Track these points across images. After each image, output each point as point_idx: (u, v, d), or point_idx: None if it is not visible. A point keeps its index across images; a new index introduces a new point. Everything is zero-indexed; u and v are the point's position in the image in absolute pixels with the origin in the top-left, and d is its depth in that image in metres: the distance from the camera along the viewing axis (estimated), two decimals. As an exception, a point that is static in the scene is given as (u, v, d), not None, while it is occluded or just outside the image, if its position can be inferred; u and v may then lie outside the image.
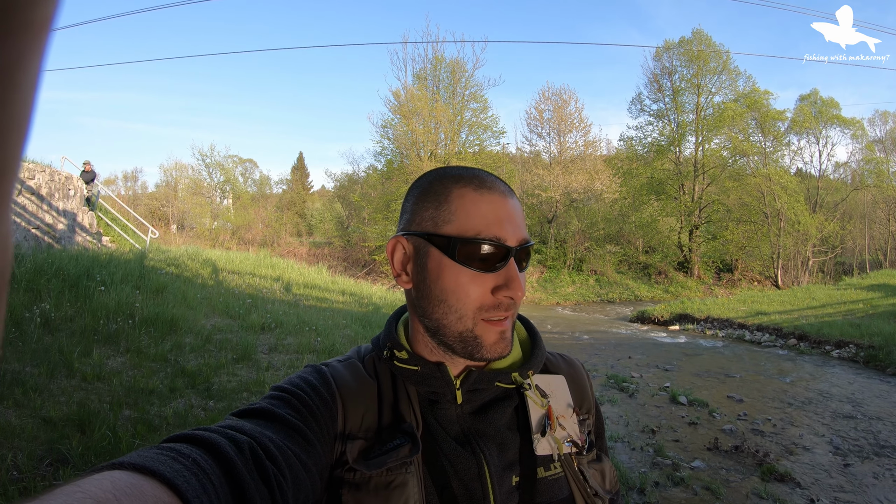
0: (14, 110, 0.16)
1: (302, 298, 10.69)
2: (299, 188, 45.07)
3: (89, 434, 3.39)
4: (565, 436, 0.72)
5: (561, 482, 0.70)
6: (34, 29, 0.16)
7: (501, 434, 0.70)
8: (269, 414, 0.60)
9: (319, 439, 0.62)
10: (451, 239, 0.66)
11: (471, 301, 0.66)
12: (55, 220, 11.42)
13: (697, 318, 14.58)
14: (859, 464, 4.61)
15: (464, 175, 0.70)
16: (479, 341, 0.67)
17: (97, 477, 0.38)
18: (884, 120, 32.60)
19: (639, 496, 3.83)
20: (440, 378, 0.70)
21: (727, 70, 28.89)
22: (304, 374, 0.70)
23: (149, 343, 5.51)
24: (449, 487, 0.65)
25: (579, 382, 0.81)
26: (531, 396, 0.72)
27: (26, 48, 0.16)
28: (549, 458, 0.70)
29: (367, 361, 0.74)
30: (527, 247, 0.69)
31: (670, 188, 30.16)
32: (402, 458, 0.64)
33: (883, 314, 12.23)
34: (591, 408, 0.81)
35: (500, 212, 0.67)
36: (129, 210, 16.05)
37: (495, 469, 0.67)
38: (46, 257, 7.20)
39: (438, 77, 28.41)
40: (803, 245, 27.50)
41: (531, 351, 0.78)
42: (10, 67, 0.15)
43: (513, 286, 0.66)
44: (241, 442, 0.52)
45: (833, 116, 29.00)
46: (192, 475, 0.44)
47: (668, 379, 7.83)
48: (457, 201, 0.68)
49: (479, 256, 0.66)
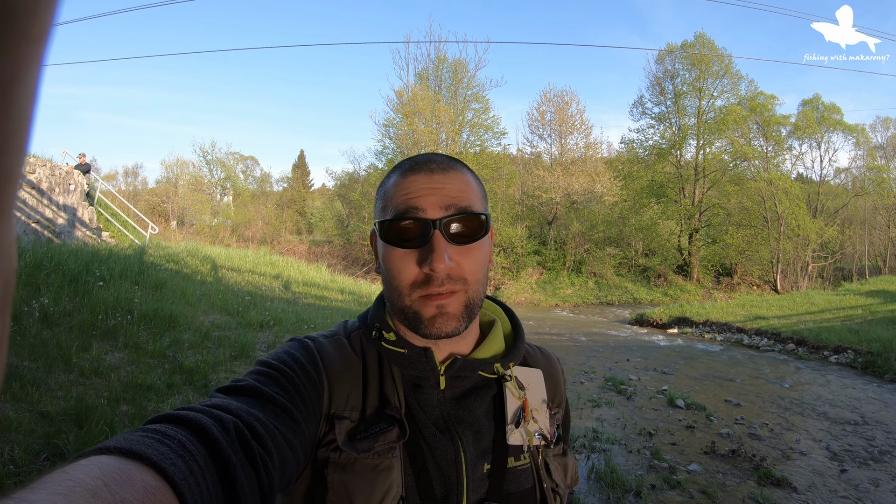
0: (14, 120, 0.16)
1: (301, 296, 10.69)
2: (300, 186, 45.07)
3: (86, 429, 3.39)
4: (537, 429, 0.74)
5: (527, 473, 0.72)
6: (33, 39, 0.16)
7: (478, 422, 0.72)
8: (256, 391, 0.60)
9: (305, 418, 0.62)
10: (381, 223, 0.70)
11: (403, 278, 0.68)
12: (55, 214, 11.42)
13: (696, 321, 14.58)
14: (856, 469, 4.61)
15: (402, 163, 0.74)
16: (419, 316, 0.68)
17: (84, 463, 0.38)
18: (885, 126, 32.63)
19: (635, 499, 3.83)
20: (426, 363, 0.71)
21: (729, 74, 28.89)
22: (291, 350, 0.70)
23: (147, 339, 5.51)
24: (425, 471, 0.67)
25: (554, 377, 0.84)
26: (510, 388, 0.74)
27: (25, 58, 0.16)
28: (519, 448, 0.72)
29: (353, 338, 0.75)
30: (460, 216, 0.68)
31: (671, 191, 30.15)
32: (389, 443, 0.65)
33: (882, 320, 12.24)
34: (562, 402, 0.84)
35: (419, 187, 0.69)
36: (129, 206, 16.06)
37: (470, 456, 0.69)
38: (46, 252, 7.20)
39: (440, 77, 28.43)
40: (803, 250, 27.50)
41: (514, 343, 0.79)
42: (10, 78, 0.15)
43: (432, 258, 0.66)
44: (227, 422, 0.52)
45: (836, 122, 29.01)
46: (179, 457, 0.44)
47: (666, 382, 7.82)
48: (389, 188, 0.72)
49: (403, 233, 0.68)
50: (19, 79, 0.16)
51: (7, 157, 0.16)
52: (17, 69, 0.15)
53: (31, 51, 0.16)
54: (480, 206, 0.71)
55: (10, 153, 0.16)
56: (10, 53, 0.15)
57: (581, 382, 7.62)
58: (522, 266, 27.08)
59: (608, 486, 3.98)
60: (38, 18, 0.16)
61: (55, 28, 0.17)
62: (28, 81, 0.16)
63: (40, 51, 0.16)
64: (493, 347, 0.77)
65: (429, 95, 26.92)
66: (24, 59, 0.16)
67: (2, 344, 0.18)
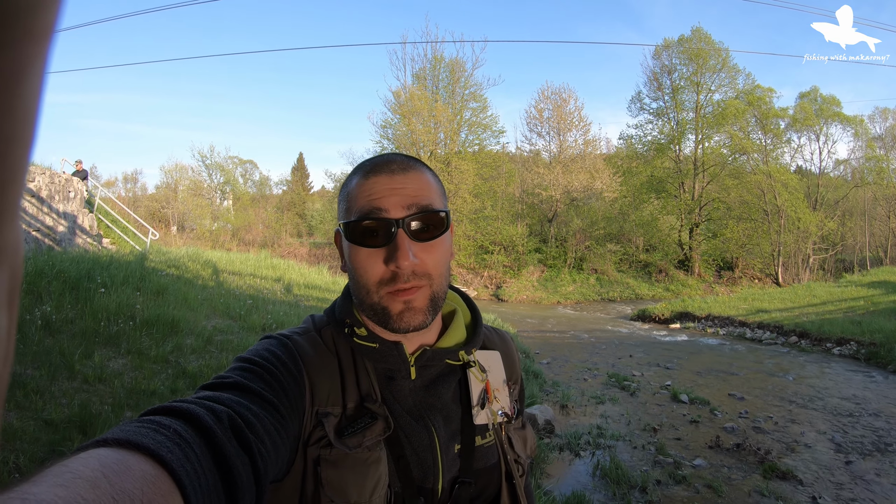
0: (18, 120, 0.16)
1: (303, 299, 10.69)
2: (299, 189, 45.06)
3: (91, 435, 3.39)
4: (499, 408, 0.80)
5: (492, 449, 0.78)
6: (36, 38, 0.16)
7: (447, 407, 0.76)
8: (242, 386, 0.61)
9: (289, 413, 0.64)
10: (346, 224, 0.72)
11: (370, 276, 0.71)
12: (55, 222, 11.43)
13: (698, 316, 14.57)
14: (861, 461, 4.61)
15: (363, 164, 0.76)
16: (387, 312, 0.71)
17: (83, 456, 0.39)
18: (884, 117, 32.55)
19: (640, 494, 3.83)
20: (397, 356, 0.74)
21: (727, 68, 28.86)
22: (271, 347, 0.71)
23: (150, 344, 5.52)
24: (403, 457, 0.70)
25: (510, 356, 0.89)
26: (473, 373, 0.79)
27: (29, 57, 0.16)
28: (484, 427, 0.78)
29: (324, 334, 0.77)
30: (422, 214, 0.71)
31: (670, 186, 30.12)
32: (376, 437, 0.68)
33: (884, 311, 12.21)
34: (518, 378, 0.90)
35: (381, 188, 0.71)
36: (129, 212, 16.06)
37: (443, 439, 0.73)
38: (47, 259, 7.21)
39: (438, 77, 28.41)
40: (804, 242, 27.46)
41: (474, 330, 0.84)
42: (13, 77, 0.15)
43: (397, 256, 0.68)
44: (220, 412, 0.53)
45: (834, 114, 28.95)
46: (176, 445, 0.44)
47: (670, 377, 7.82)
48: (352, 190, 0.73)
49: (367, 233, 0.70)
50: (23, 77, 0.16)
51: (12, 156, 0.16)
52: (22, 67, 0.15)
53: (35, 49, 0.16)
54: (440, 203, 0.74)
55: (15, 152, 0.16)
56: (13, 52, 0.15)
57: (584, 379, 7.61)
58: (523, 264, 27.06)
59: (613, 482, 3.98)
60: (41, 17, 0.16)
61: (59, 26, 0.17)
62: (32, 80, 0.16)
63: (44, 49, 0.16)
64: (455, 336, 0.81)
65: (426, 95, 26.91)
66: (28, 58, 0.16)
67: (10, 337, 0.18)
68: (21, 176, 0.17)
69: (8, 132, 0.16)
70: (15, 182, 0.17)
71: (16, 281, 0.18)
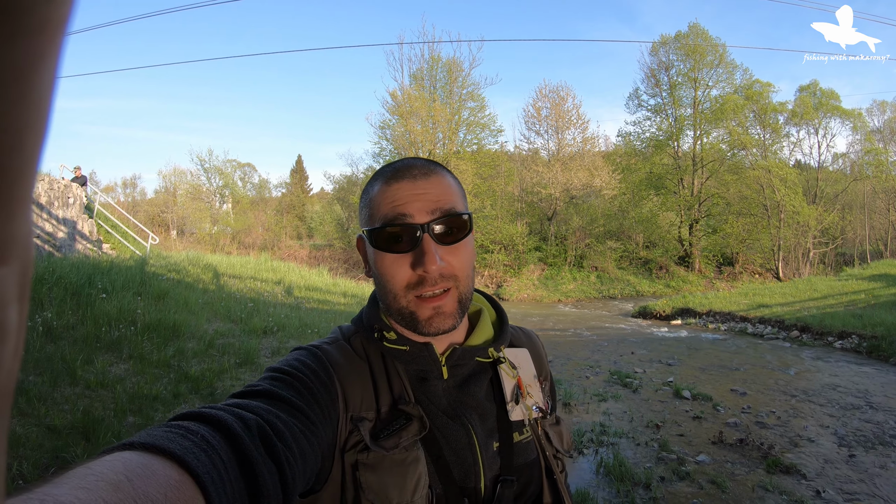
0: (32, 111, 0.16)
1: (303, 301, 10.69)
2: (298, 191, 45.07)
3: (94, 441, 3.39)
4: (533, 402, 0.80)
5: (531, 445, 0.78)
6: (50, 29, 0.15)
7: (481, 405, 0.76)
8: (273, 394, 0.61)
9: (321, 421, 0.64)
10: (371, 231, 0.73)
11: (397, 281, 0.72)
12: (55, 228, 11.44)
13: (699, 312, 14.56)
14: (864, 454, 4.61)
15: (384, 170, 0.76)
16: (416, 317, 0.72)
17: (108, 458, 0.39)
18: (882, 110, 32.56)
19: (644, 491, 3.83)
20: (428, 356, 0.75)
21: (724, 63, 28.83)
22: (301, 357, 0.72)
23: (151, 349, 5.52)
24: (442, 457, 0.70)
25: (538, 353, 0.90)
26: (504, 369, 0.80)
27: (43, 48, 0.15)
28: (520, 423, 0.78)
29: (353, 341, 0.78)
30: (447, 218, 0.71)
31: (669, 183, 30.10)
32: (413, 437, 0.68)
33: (885, 304, 12.21)
34: (547, 374, 0.90)
35: (405, 194, 0.71)
36: (128, 217, 16.07)
37: (481, 437, 0.73)
38: (47, 266, 7.20)
39: (435, 77, 28.39)
40: (804, 237, 27.45)
41: (500, 328, 0.85)
42: (27, 68, 0.15)
43: (424, 260, 0.69)
44: (249, 419, 0.53)
45: (833, 107, 28.92)
46: (202, 451, 0.44)
47: (672, 374, 7.82)
48: (374, 196, 0.75)
49: (392, 239, 0.71)
50: (36, 70, 0.15)
51: (25, 149, 0.16)
52: (36, 58, 0.15)
53: (49, 40, 0.16)
54: (462, 206, 0.75)
55: (27, 144, 0.16)
56: (28, 42, 0.15)
57: (586, 377, 7.61)
58: (524, 263, 27.07)
59: (617, 479, 3.98)
60: (56, 7, 0.15)
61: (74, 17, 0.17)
62: (45, 72, 0.16)
63: (58, 40, 0.16)
64: (483, 334, 0.82)
65: (424, 96, 26.90)
66: (42, 49, 0.15)
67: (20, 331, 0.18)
68: (33, 168, 0.17)
69: (21, 123, 0.15)
70: (27, 174, 0.16)
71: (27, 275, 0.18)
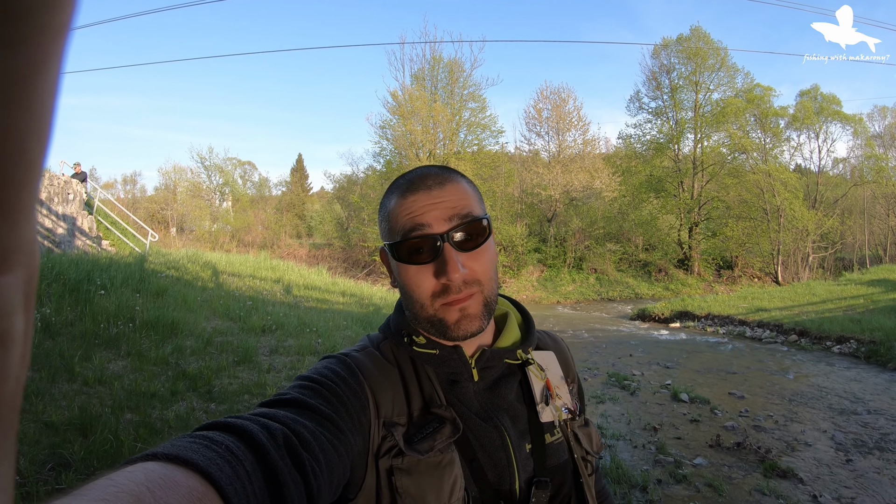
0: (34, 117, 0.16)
1: (302, 300, 10.69)
2: (298, 190, 45.05)
3: (91, 438, 3.39)
4: (562, 404, 0.81)
5: (562, 446, 0.79)
6: (52, 33, 0.15)
7: (512, 406, 0.77)
8: (301, 403, 0.61)
9: (350, 429, 0.64)
10: (392, 245, 0.74)
11: (423, 291, 0.73)
12: (55, 224, 11.43)
13: (698, 315, 14.56)
14: (861, 459, 4.61)
15: (399, 183, 0.77)
16: (444, 322, 0.73)
17: (130, 469, 0.38)
18: (883, 115, 32.59)
19: (641, 494, 3.83)
20: (458, 359, 0.75)
21: (725, 67, 28.85)
22: (330, 365, 0.72)
23: (150, 346, 5.51)
24: (476, 459, 0.70)
25: (564, 356, 0.91)
26: (533, 371, 0.81)
27: (45, 53, 0.15)
28: (551, 424, 0.79)
29: (383, 348, 0.78)
30: (465, 224, 0.72)
31: (670, 186, 30.13)
32: (447, 439, 0.68)
33: (883, 309, 12.22)
34: (575, 377, 0.91)
35: (421, 205, 0.72)
36: (128, 213, 16.06)
37: (514, 439, 0.74)
38: (46, 262, 7.20)
39: (436, 77, 28.40)
40: (803, 241, 27.48)
41: (527, 331, 0.86)
42: (30, 72, 0.15)
43: (447, 269, 0.70)
44: (275, 429, 0.53)
45: (834, 112, 28.95)
46: (226, 462, 0.44)
47: (670, 376, 7.82)
48: (392, 210, 0.75)
49: (413, 251, 0.72)
50: (39, 73, 0.15)
51: (28, 154, 0.16)
52: (37, 63, 0.15)
53: (51, 44, 0.15)
54: (479, 210, 0.75)
55: (31, 150, 0.16)
56: (29, 47, 0.15)
57: (584, 379, 7.61)
58: (523, 264, 27.07)
59: (614, 481, 3.98)
60: (57, 11, 0.15)
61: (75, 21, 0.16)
62: (48, 76, 0.16)
63: (60, 44, 0.16)
64: (511, 336, 0.83)
65: (425, 96, 26.90)
66: (44, 53, 0.15)
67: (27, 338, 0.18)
68: (37, 174, 0.16)
69: (24, 129, 0.15)
70: (31, 181, 0.16)
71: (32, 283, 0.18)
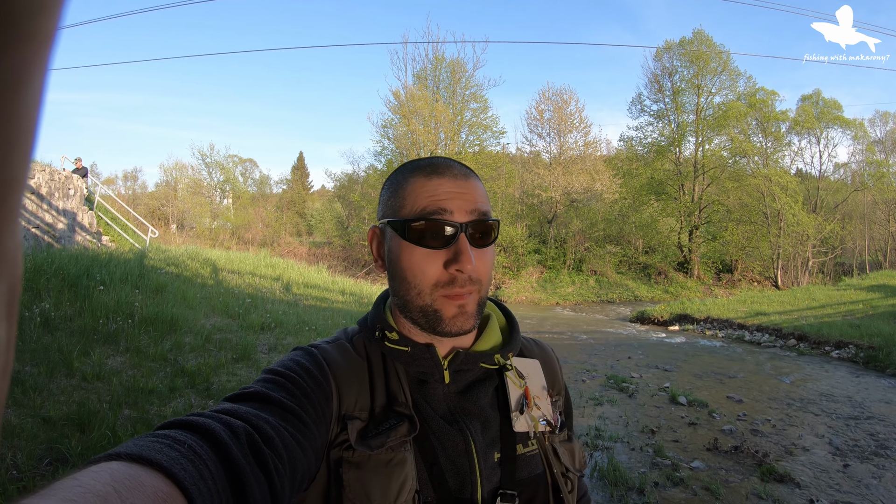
0: (18, 126, 0.15)
1: (301, 298, 10.68)
2: (299, 188, 45.06)
3: (89, 433, 3.39)
4: (540, 415, 0.77)
5: (536, 458, 0.75)
6: (37, 41, 0.15)
7: (484, 412, 0.73)
8: (264, 397, 0.61)
9: (314, 420, 0.63)
10: (403, 221, 0.70)
11: (426, 277, 0.70)
12: (55, 219, 11.42)
13: (697, 318, 14.57)
14: (859, 464, 4.61)
15: (420, 164, 0.74)
16: (439, 315, 0.70)
17: (95, 469, 0.38)
18: (884, 121, 32.60)
19: (638, 496, 3.83)
20: (429, 359, 0.73)
21: (727, 70, 28.89)
22: (296, 357, 0.71)
23: (148, 342, 5.51)
24: (437, 464, 0.68)
25: (551, 366, 0.87)
26: (511, 377, 0.77)
27: (29, 62, 0.15)
28: (525, 435, 0.75)
29: (356, 342, 0.76)
30: (482, 221, 0.71)
31: (670, 188, 30.15)
32: (401, 438, 0.66)
33: (882, 315, 12.22)
34: (561, 390, 0.87)
35: (447, 190, 0.70)
36: (128, 209, 16.04)
37: (480, 446, 0.70)
38: (46, 257, 7.20)
39: (439, 77, 28.42)
40: (803, 246, 27.48)
41: (510, 335, 0.82)
42: (13, 81, 0.15)
43: (461, 259, 0.68)
44: (237, 427, 0.52)
45: (835, 117, 28.97)
46: (189, 462, 0.44)
47: (668, 379, 7.82)
48: (409, 187, 0.72)
49: (428, 234, 0.69)
50: (24, 82, 0.15)
51: (12, 163, 0.15)
52: (22, 72, 0.15)
53: (35, 53, 0.15)
54: (491, 212, 0.75)
55: (14, 159, 0.15)
56: (14, 56, 0.14)
57: (583, 381, 7.61)
58: (523, 265, 27.07)
59: (611, 483, 3.98)
60: (43, 20, 0.15)
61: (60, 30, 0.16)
62: (33, 85, 0.16)
63: (45, 53, 0.16)
64: (491, 340, 0.79)
65: (427, 96, 26.91)
66: (28, 62, 0.15)
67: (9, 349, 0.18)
68: (21, 184, 0.16)
69: (7, 139, 0.15)
70: (14, 190, 0.16)
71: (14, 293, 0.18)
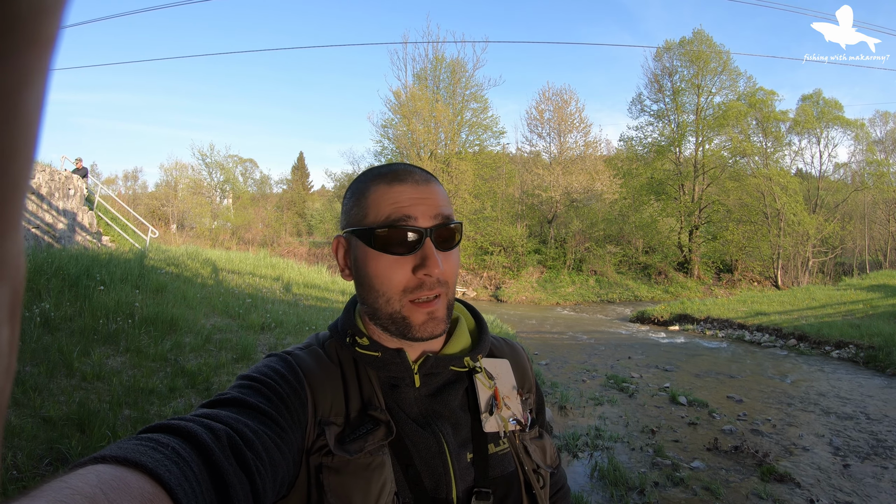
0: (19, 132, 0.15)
1: (302, 298, 10.68)
2: (299, 188, 45.07)
3: (89, 433, 3.39)
4: (510, 414, 0.78)
5: (508, 457, 0.76)
6: (39, 46, 0.15)
7: (455, 414, 0.75)
8: (242, 402, 0.61)
9: (291, 426, 0.64)
10: (368, 230, 0.71)
11: (394, 284, 0.71)
12: (55, 219, 11.43)
13: (697, 318, 14.57)
14: (859, 464, 4.61)
15: (381, 171, 0.75)
16: (408, 321, 0.71)
17: (82, 472, 0.39)
18: (884, 120, 32.58)
19: (638, 496, 3.83)
20: (400, 363, 0.74)
21: (727, 70, 28.89)
22: (271, 363, 0.71)
23: (148, 343, 5.51)
24: (413, 466, 0.69)
25: (521, 365, 0.88)
26: (480, 379, 0.79)
27: (30, 67, 0.15)
28: (496, 434, 0.76)
29: (328, 347, 0.77)
30: (445, 225, 0.72)
31: (670, 188, 30.14)
32: (378, 441, 0.68)
33: (882, 315, 12.22)
34: (531, 388, 0.88)
35: (409, 197, 0.71)
36: (129, 209, 16.04)
37: (453, 447, 0.72)
38: (46, 257, 7.20)
39: (439, 77, 28.44)
40: (803, 245, 27.48)
41: (479, 337, 0.84)
42: (15, 87, 0.15)
43: (428, 264, 0.69)
44: (218, 430, 0.53)
45: (835, 117, 28.95)
46: (173, 464, 0.45)
47: (668, 379, 7.82)
48: (372, 196, 0.73)
49: (394, 241, 0.70)
50: (26, 86, 0.15)
51: (14, 167, 0.15)
52: (24, 76, 0.15)
53: (37, 57, 0.15)
54: (454, 215, 0.76)
55: (16, 164, 0.16)
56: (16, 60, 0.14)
57: (583, 381, 7.61)
58: (523, 265, 27.07)
59: (611, 483, 3.98)
60: (44, 24, 0.15)
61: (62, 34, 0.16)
62: (35, 89, 0.16)
63: (47, 57, 0.16)
64: (460, 343, 0.80)
65: (427, 96, 26.91)
66: (30, 66, 0.15)
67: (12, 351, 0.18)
68: (23, 189, 0.16)
69: (9, 145, 0.15)
70: (17, 195, 0.16)
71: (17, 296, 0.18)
